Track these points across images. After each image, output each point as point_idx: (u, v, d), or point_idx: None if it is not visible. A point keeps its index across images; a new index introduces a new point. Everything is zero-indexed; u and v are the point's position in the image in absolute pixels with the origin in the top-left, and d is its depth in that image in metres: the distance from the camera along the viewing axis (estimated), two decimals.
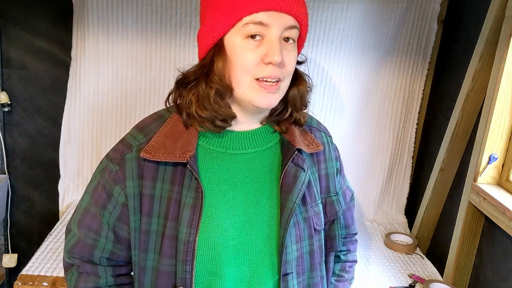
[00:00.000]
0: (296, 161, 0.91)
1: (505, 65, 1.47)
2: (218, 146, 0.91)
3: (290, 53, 0.85)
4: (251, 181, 0.91)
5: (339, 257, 1.12)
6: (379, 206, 2.17)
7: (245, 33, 0.82)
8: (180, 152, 0.86)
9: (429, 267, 1.80)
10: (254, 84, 0.84)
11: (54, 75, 2.02)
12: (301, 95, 0.93)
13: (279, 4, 0.81)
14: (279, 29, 0.82)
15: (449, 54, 1.95)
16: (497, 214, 1.43)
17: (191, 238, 0.84)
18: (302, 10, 0.85)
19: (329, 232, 1.03)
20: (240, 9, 0.81)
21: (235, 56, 0.83)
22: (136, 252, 0.90)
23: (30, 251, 1.93)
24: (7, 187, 2.11)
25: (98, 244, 0.93)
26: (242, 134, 0.93)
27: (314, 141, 0.97)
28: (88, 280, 0.94)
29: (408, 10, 1.92)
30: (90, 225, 0.93)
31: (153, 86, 1.98)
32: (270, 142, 0.95)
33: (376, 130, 2.08)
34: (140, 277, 0.91)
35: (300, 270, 0.93)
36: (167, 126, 0.91)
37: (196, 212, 0.85)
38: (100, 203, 0.91)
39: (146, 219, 0.88)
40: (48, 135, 2.09)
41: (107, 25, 1.89)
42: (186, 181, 0.87)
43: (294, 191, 0.89)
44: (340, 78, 1.97)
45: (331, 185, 1.01)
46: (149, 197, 0.88)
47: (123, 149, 0.90)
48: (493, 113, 1.50)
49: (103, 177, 0.92)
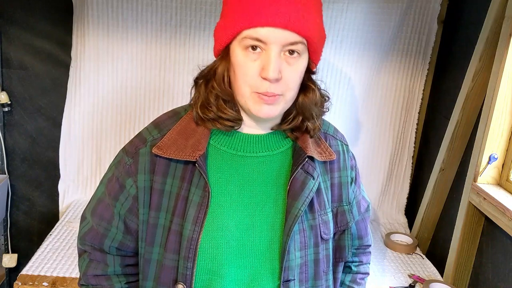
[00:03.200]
0: (306, 168, 0.91)
1: (505, 65, 1.47)
2: (229, 147, 0.92)
3: (292, 67, 0.83)
4: (259, 184, 0.91)
5: (351, 268, 1.10)
6: (379, 206, 2.17)
7: (244, 45, 0.82)
8: (190, 151, 0.88)
9: (429, 267, 1.80)
10: (254, 96, 0.84)
11: (54, 75, 2.02)
12: (309, 105, 0.91)
13: (279, 20, 0.79)
14: (278, 45, 0.81)
15: (449, 54, 1.95)
16: (497, 214, 1.43)
17: (194, 236, 0.86)
18: (306, 26, 0.81)
19: (339, 242, 1.01)
20: (239, 21, 0.81)
21: (236, 66, 0.84)
22: (142, 244, 0.92)
23: (30, 251, 1.93)
24: (7, 187, 2.11)
25: (109, 233, 0.95)
26: (254, 137, 0.93)
27: (328, 150, 0.96)
28: (97, 267, 0.97)
29: (408, 10, 1.92)
30: (103, 215, 0.95)
31: (153, 86, 1.98)
32: (282, 147, 0.95)
33: (376, 130, 2.08)
34: (144, 269, 0.93)
35: (303, 278, 0.92)
36: (181, 123, 0.93)
37: (202, 210, 0.86)
38: (113, 194, 0.94)
39: (154, 213, 0.90)
40: (48, 135, 2.09)
41: (107, 25, 1.89)
42: (195, 179, 0.88)
43: (301, 197, 0.88)
44: (340, 78, 1.97)
45: (344, 194, 0.99)
46: (158, 191, 0.90)
47: (138, 143, 0.93)
48: (493, 113, 1.50)
49: (118, 169, 0.94)
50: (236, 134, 0.93)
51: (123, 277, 0.99)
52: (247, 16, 0.80)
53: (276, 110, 0.86)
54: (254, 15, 0.80)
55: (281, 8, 0.79)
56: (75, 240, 1.75)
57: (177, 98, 1.99)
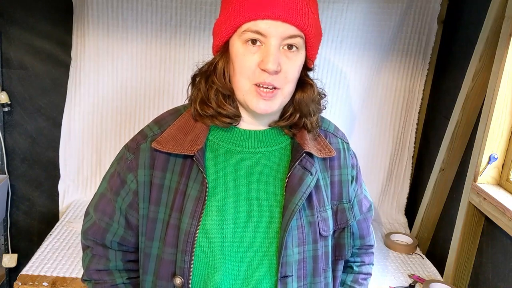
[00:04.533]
0: (304, 164, 0.91)
1: (505, 65, 1.47)
2: (227, 143, 0.93)
3: (291, 61, 0.85)
4: (258, 179, 0.92)
5: (352, 268, 1.10)
6: (379, 206, 2.17)
7: (244, 39, 0.84)
8: (189, 145, 0.89)
9: (429, 267, 1.80)
10: (252, 90, 0.86)
11: (54, 75, 2.02)
12: (307, 101, 0.92)
13: (279, 13, 0.81)
14: (278, 38, 0.83)
15: (449, 54, 1.95)
16: (497, 214, 1.43)
17: (192, 229, 0.87)
18: (305, 20, 0.83)
19: (338, 239, 1.01)
20: (239, 15, 0.83)
21: (235, 60, 0.86)
22: (142, 239, 0.93)
23: (30, 251, 1.93)
24: (7, 187, 2.11)
25: (111, 228, 0.96)
26: (252, 133, 0.94)
27: (327, 147, 0.96)
28: (100, 262, 0.99)
29: (408, 10, 1.92)
30: (105, 210, 0.97)
31: (153, 85, 1.99)
32: (281, 144, 0.95)
33: (376, 130, 2.08)
34: (144, 263, 0.93)
35: (302, 274, 0.92)
36: (181, 120, 0.94)
37: (199, 204, 0.87)
38: (115, 189, 0.95)
39: (154, 207, 0.91)
40: (48, 135, 2.09)
41: (107, 25, 1.89)
42: (193, 173, 0.89)
43: (298, 193, 0.89)
44: (340, 78, 1.97)
45: (344, 192, 1.00)
46: (158, 186, 0.91)
47: (139, 139, 0.95)
48: (493, 113, 1.50)
49: (120, 164, 0.96)
50: (235, 130, 0.94)
51: (125, 272, 1.00)
52: (248, 10, 0.82)
53: (275, 105, 0.87)
54: (255, 8, 0.81)
55: (280, 2, 0.81)
56: (75, 240, 1.75)
57: (177, 98, 1.99)
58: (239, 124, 0.94)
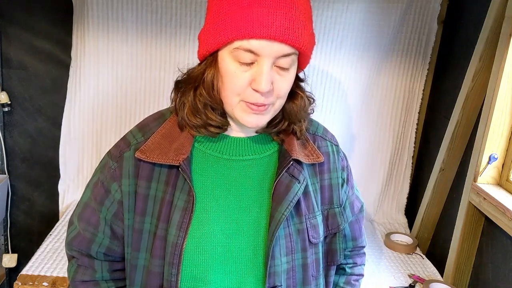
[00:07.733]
0: (291, 171, 0.88)
1: (505, 65, 1.47)
2: (214, 151, 0.90)
3: (283, 78, 0.81)
4: (246, 188, 0.89)
5: (345, 270, 1.08)
6: (379, 206, 2.17)
7: (235, 56, 0.79)
8: (174, 155, 0.86)
9: (429, 267, 1.80)
10: (242, 105, 0.82)
11: (54, 75, 2.02)
12: (297, 110, 0.90)
13: (274, 33, 0.75)
14: (271, 58, 0.78)
15: (449, 54, 1.95)
16: (497, 214, 1.43)
17: (179, 241, 0.84)
18: (301, 38, 0.78)
19: (330, 245, 0.99)
20: (232, 30, 0.77)
21: (225, 76, 0.81)
22: (128, 249, 0.90)
23: (30, 251, 1.93)
24: (7, 187, 2.11)
25: (96, 238, 0.93)
26: (240, 141, 0.92)
27: (315, 152, 0.93)
28: (85, 273, 0.95)
29: (408, 10, 1.92)
30: (89, 220, 0.93)
31: (153, 86, 1.99)
32: (269, 151, 0.93)
33: (376, 130, 2.08)
34: (131, 274, 0.91)
35: (291, 283, 0.90)
36: (165, 126, 0.91)
37: (186, 215, 0.84)
38: (99, 198, 0.92)
39: (140, 218, 0.88)
40: (48, 135, 2.09)
41: (107, 25, 1.89)
42: (179, 183, 0.86)
43: (285, 201, 0.86)
44: (340, 78, 1.97)
45: (335, 196, 0.97)
46: (143, 196, 0.88)
47: (122, 146, 0.91)
48: (493, 113, 1.50)
49: (103, 173, 0.93)
50: (222, 137, 0.91)
51: (112, 282, 0.96)
52: (241, 26, 0.76)
53: (265, 120, 0.85)
54: (249, 25, 0.75)
55: (276, 20, 0.75)
56: None
57: None
58: (226, 131, 0.91)
